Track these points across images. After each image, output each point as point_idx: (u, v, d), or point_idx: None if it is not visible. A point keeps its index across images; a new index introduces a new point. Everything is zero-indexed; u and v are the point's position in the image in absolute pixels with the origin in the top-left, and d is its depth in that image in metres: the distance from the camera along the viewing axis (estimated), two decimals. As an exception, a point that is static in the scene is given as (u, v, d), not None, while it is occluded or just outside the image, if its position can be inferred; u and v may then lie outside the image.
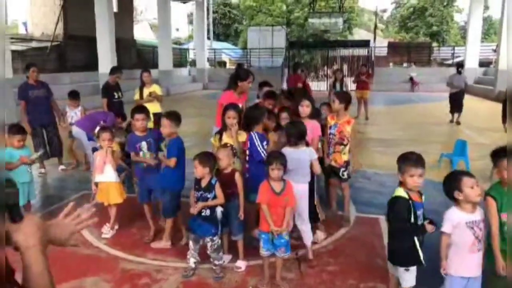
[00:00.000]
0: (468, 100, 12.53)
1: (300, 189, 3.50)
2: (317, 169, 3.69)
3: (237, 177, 3.50)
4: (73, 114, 6.73)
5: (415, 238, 2.67)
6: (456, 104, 11.12)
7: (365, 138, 9.04)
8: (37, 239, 1.02)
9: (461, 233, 2.53)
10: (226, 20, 40.24)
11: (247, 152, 3.81)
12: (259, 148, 3.70)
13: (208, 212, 3.30)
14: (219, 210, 3.35)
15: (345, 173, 4.43)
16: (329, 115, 4.55)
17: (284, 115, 4.27)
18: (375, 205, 5.00)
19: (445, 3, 38.40)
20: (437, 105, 14.37)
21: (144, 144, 4.06)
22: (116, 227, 4.32)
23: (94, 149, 5.79)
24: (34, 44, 17.96)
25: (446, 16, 38.94)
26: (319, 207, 4.16)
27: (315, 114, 4.32)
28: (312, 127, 4.02)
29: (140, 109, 4.26)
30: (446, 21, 39.12)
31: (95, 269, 3.51)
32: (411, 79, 21.96)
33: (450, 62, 25.79)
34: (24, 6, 24.02)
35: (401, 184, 2.69)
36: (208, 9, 26.33)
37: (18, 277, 1.10)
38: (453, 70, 13.12)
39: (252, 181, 3.54)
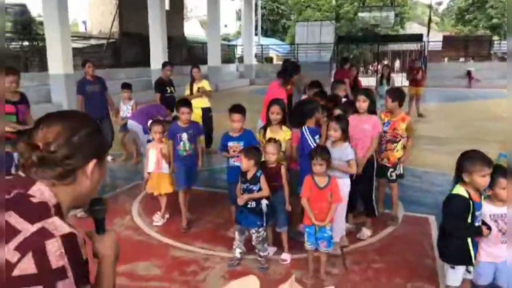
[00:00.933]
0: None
1: (339, 183, 3.47)
2: (353, 169, 3.62)
3: (283, 170, 3.54)
4: (125, 108, 7.05)
5: (469, 238, 2.61)
6: None
7: (415, 136, 8.72)
8: (113, 251, 1.17)
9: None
10: (274, 15, 40.19)
11: (299, 146, 3.83)
12: (310, 142, 3.70)
13: (253, 204, 3.37)
14: (264, 202, 3.40)
15: (394, 174, 4.32)
16: (382, 113, 4.46)
17: (338, 111, 4.23)
18: (425, 204, 4.85)
19: (507, -6, 36.04)
20: (497, 101, 13.50)
21: (185, 135, 4.26)
22: (167, 216, 4.51)
23: (150, 142, 6.09)
24: (92, 42, 18.96)
25: (509, 8, 36.54)
26: (376, 203, 4.12)
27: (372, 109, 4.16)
28: (373, 123, 3.97)
29: (185, 102, 4.44)
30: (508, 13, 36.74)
31: (146, 255, 3.70)
32: (469, 73, 20.68)
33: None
34: (83, 6, 25.43)
35: (463, 182, 2.62)
36: (256, 5, 26.44)
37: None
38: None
39: (303, 175, 3.56)
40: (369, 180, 4.03)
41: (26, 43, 15.24)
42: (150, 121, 5.04)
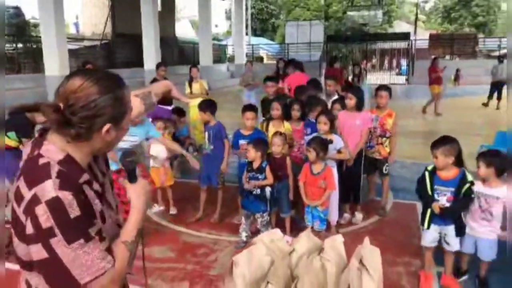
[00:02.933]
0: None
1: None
2: (346, 155, 4.06)
3: (288, 161, 3.92)
4: None
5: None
6: (497, 92, 12.41)
7: (406, 131, 9.12)
8: (142, 199, 1.31)
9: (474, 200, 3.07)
10: (263, 15, 40.57)
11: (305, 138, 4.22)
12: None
13: (258, 191, 3.73)
14: (267, 190, 3.76)
15: (388, 168, 4.69)
16: (370, 109, 4.83)
17: (337, 106, 4.60)
18: (413, 192, 5.19)
19: (491, -8, 36.91)
20: (483, 98, 14.02)
21: (206, 134, 4.49)
22: (162, 207, 4.87)
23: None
24: (85, 43, 19.11)
25: (493, 6, 37.40)
26: (373, 193, 4.50)
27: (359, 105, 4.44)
28: (364, 119, 4.32)
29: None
30: (493, 11, 37.57)
31: (160, 241, 4.04)
32: (457, 71, 20.83)
33: (496, 53, 24.89)
34: (74, 8, 25.49)
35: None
36: (246, 5, 26.76)
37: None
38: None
39: None
40: (357, 172, 4.42)
41: (20, 45, 15.37)
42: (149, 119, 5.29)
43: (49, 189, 1.06)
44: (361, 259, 1.85)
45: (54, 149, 1.12)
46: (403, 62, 25.17)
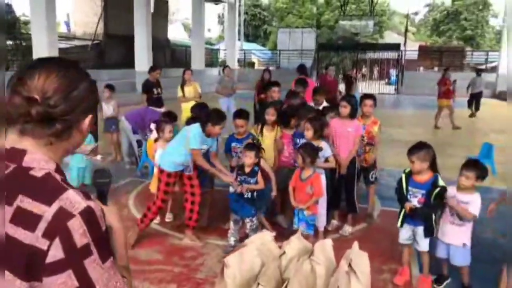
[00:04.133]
0: (502, 106, 13.89)
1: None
2: (332, 164, 4.13)
3: (262, 162, 3.97)
4: (106, 108, 7.25)
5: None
6: (475, 102, 13.50)
7: (392, 139, 9.25)
8: (121, 222, 1.15)
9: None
10: (256, 21, 40.79)
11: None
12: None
13: (249, 195, 3.74)
14: (255, 194, 3.77)
15: (374, 176, 4.75)
16: (358, 117, 4.86)
17: (332, 114, 4.64)
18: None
19: (480, 7, 37.67)
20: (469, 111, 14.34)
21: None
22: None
23: (139, 142, 6.36)
24: (76, 43, 18.98)
25: (481, 20, 38.20)
26: (358, 201, 4.52)
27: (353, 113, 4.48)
28: (356, 126, 4.36)
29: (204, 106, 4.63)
30: (481, 25, 38.37)
31: (147, 243, 4.01)
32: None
33: (483, 67, 25.38)
34: (65, 7, 25.31)
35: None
36: (239, 10, 26.91)
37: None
38: (487, 75, 14.40)
39: None
40: (351, 179, 4.45)
41: (9, 42, 15.21)
42: (153, 125, 5.18)
43: (77, 199, 0.90)
44: (350, 262, 1.87)
45: (41, 157, 0.94)
46: (393, 72, 25.49)
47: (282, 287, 1.70)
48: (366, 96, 4.85)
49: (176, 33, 36.25)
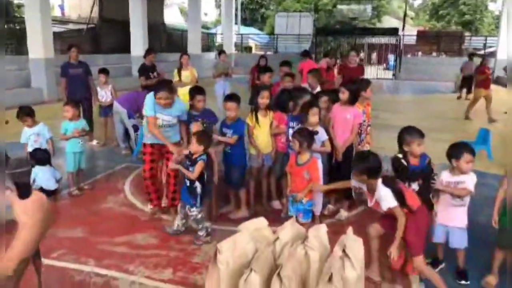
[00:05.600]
0: (500, 91, 13.89)
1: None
2: (328, 149, 4.12)
3: (212, 154, 4.05)
4: (103, 93, 7.22)
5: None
6: (466, 85, 14.04)
7: (386, 125, 9.22)
8: (33, 218, 1.05)
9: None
10: (253, 5, 40.30)
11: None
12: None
13: (188, 183, 3.73)
14: (198, 185, 3.71)
15: None
16: (357, 104, 4.82)
17: (325, 99, 4.60)
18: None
19: (479, -9, 37.34)
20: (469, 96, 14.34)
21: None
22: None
23: (135, 127, 6.32)
24: (71, 26, 18.72)
25: (480, 5, 37.87)
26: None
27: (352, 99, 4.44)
28: (355, 113, 4.33)
29: (200, 90, 4.44)
30: (480, 10, 38.06)
31: (143, 228, 4.01)
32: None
33: (482, 52, 25.24)
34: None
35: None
36: (236, -6, 26.55)
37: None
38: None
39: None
40: (348, 165, 4.42)
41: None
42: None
43: None
44: (344, 248, 1.87)
45: None
46: (391, 58, 25.35)
47: (275, 272, 1.70)
48: (367, 81, 4.90)
49: (172, 17, 35.77)
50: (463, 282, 3.22)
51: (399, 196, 2.93)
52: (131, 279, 3.14)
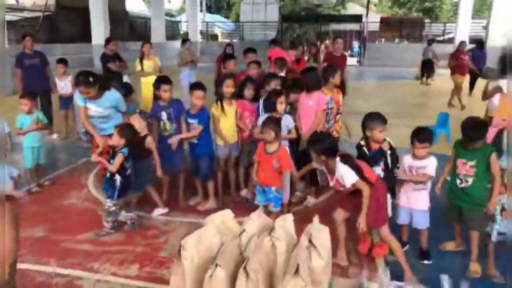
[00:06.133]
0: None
1: None
2: (294, 134, 4.16)
3: (149, 140, 4.03)
4: (63, 85, 6.93)
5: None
6: (426, 68, 14.72)
7: (353, 111, 9.35)
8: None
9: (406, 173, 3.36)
10: (219, -8, 39.67)
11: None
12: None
13: (108, 175, 3.71)
14: (118, 178, 3.69)
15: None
16: (324, 89, 4.82)
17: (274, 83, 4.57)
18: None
19: (439, -21, 38.28)
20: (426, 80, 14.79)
21: (164, 114, 4.20)
22: None
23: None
24: (26, 14, 17.78)
25: (440, -8, 38.85)
26: (319, 174, 4.52)
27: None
28: (317, 99, 4.32)
29: (166, 80, 4.31)
30: (439, -3, 39.06)
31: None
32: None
33: (441, 38, 26.01)
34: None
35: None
36: (201, -19, 26.02)
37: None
38: (444, 46, 16.44)
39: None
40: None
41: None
42: None
43: None
44: (311, 238, 1.86)
45: None
46: (355, 44, 25.70)
47: (241, 266, 1.67)
48: (334, 68, 4.82)
49: (134, 5, 34.66)
50: (425, 261, 3.33)
51: (357, 170, 3.03)
52: (96, 277, 3.04)
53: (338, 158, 3.08)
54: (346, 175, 3.02)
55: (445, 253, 3.44)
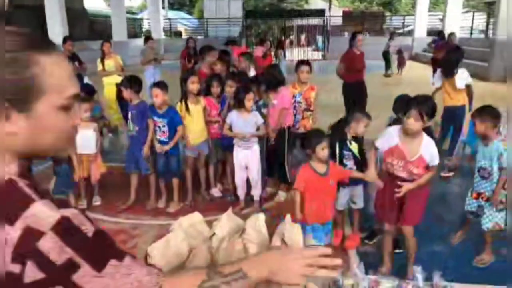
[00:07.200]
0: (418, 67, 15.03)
1: (255, 148, 4.04)
2: (262, 132, 4.11)
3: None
4: None
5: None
6: (385, 61, 15.49)
7: (321, 105, 9.45)
8: None
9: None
10: (181, -12, 39.06)
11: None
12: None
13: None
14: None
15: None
16: (291, 84, 4.81)
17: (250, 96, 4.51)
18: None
19: (397, -27, 39.27)
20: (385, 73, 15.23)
21: (129, 114, 4.13)
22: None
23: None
24: (-25, 14, 16.86)
25: (398, -14, 39.86)
26: (289, 170, 4.49)
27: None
28: (280, 96, 4.30)
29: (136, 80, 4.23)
30: (398, -10, 40.07)
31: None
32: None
33: (401, 31, 26.70)
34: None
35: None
36: (161, -23, 25.52)
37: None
38: (403, 39, 17.26)
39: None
40: (282, 149, 4.44)
41: None
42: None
43: (46, 211, 0.74)
44: (283, 237, 1.84)
45: None
46: (319, 39, 25.99)
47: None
48: (302, 62, 4.80)
49: (93, 2, 33.59)
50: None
51: None
52: None
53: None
54: (436, 152, 2.71)
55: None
